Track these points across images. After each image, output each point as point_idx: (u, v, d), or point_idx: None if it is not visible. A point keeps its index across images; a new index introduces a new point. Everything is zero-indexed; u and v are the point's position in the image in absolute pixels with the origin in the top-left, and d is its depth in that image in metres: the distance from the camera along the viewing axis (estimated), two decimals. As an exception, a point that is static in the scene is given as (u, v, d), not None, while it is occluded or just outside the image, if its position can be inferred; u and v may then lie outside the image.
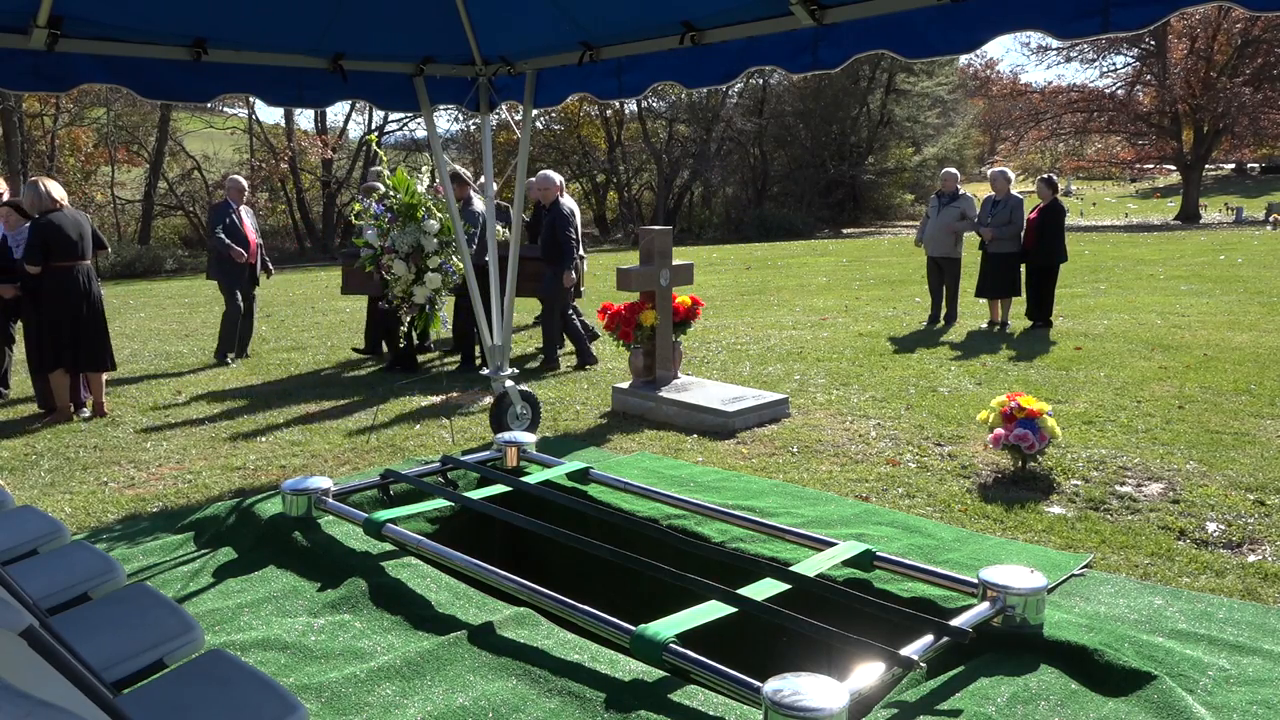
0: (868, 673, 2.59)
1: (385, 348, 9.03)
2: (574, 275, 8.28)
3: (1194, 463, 5.13)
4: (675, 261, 6.93)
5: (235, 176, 9.54)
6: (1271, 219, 28.73)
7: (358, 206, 7.28)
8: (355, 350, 9.49)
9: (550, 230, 8.27)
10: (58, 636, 1.89)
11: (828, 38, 4.17)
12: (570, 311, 8.50)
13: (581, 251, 8.71)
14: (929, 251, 10.32)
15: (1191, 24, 32.46)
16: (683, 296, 7.15)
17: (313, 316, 12.77)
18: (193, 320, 12.78)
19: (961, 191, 10.24)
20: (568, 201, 8.52)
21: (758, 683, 2.46)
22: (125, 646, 2.33)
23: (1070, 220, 11.80)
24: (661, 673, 2.79)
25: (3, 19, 4.17)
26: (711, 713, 2.59)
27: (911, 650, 2.69)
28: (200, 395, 7.70)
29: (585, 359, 8.44)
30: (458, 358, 8.74)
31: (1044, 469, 5.06)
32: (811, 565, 3.38)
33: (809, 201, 36.71)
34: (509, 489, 4.41)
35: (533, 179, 9.17)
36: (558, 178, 8.62)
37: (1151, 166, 41.91)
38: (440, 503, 4.30)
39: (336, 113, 40.83)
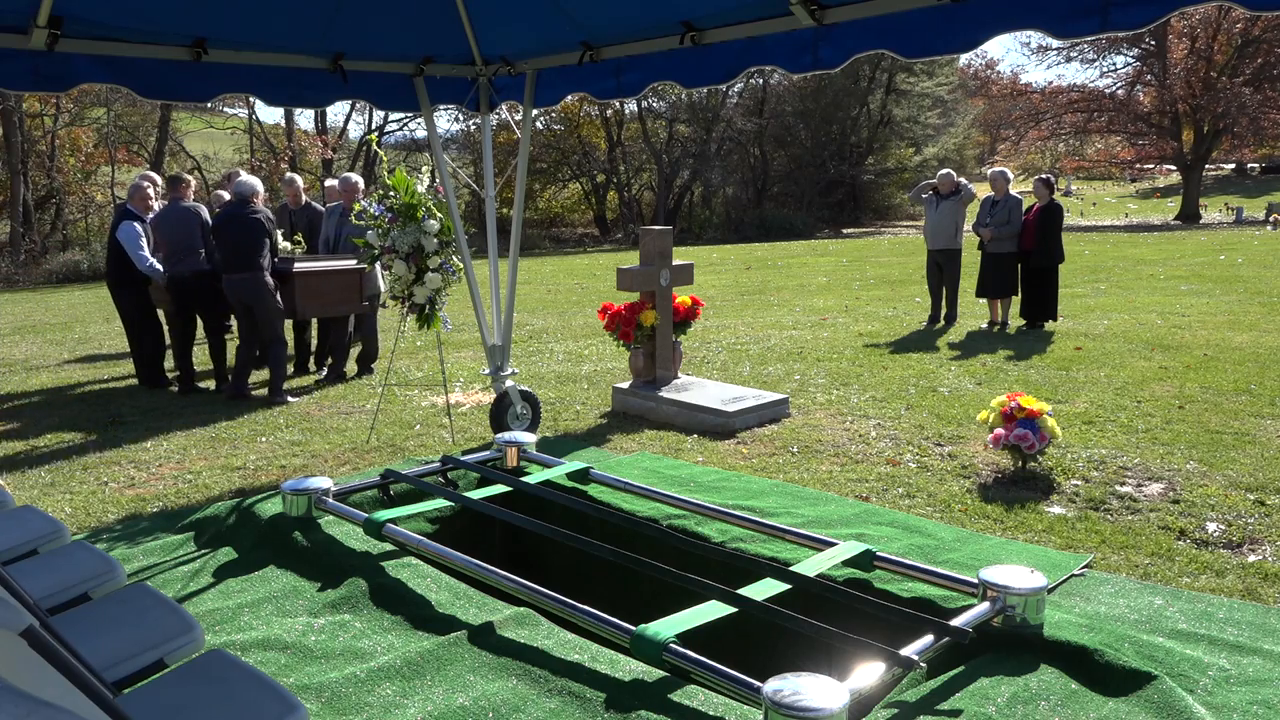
0: (868, 673, 2.59)
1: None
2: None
3: (1194, 463, 5.13)
4: (675, 261, 6.93)
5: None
6: (1271, 219, 28.73)
7: (358, 207, 7.27)
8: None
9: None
10: (58, 636, 1.89)
11: (828, 38, 4.17)
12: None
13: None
14: (930, 245, 10.33)
15: (1191, 24, 32.47)
16: (683, 296, 7.15)
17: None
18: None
19: (963, 183, 10.32)
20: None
21: (758, 683, 2.46)
22: (125, 646, 2.33)
23: (1070, 220, 11.81)
24: (661, 673, 2.79)
25: (3, 19, 4.17)
26: (711, 713, 2.59)
27: (911, 650, 2.69)
28: (200, 395, 7.69)
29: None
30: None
31: (1044, 469, 5.06)
32: (811, 565, 3.38)
33: (809, 201, 36.69)
34: (509, 489, 4.41)
35: (333, 182, 9.13)
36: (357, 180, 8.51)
37: (1151, 166, 41.93)
38: (440, 503, 4.30)
39: (336, 113, 40.89)
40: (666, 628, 2.84)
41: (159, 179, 8.45)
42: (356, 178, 8.45)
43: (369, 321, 8.39)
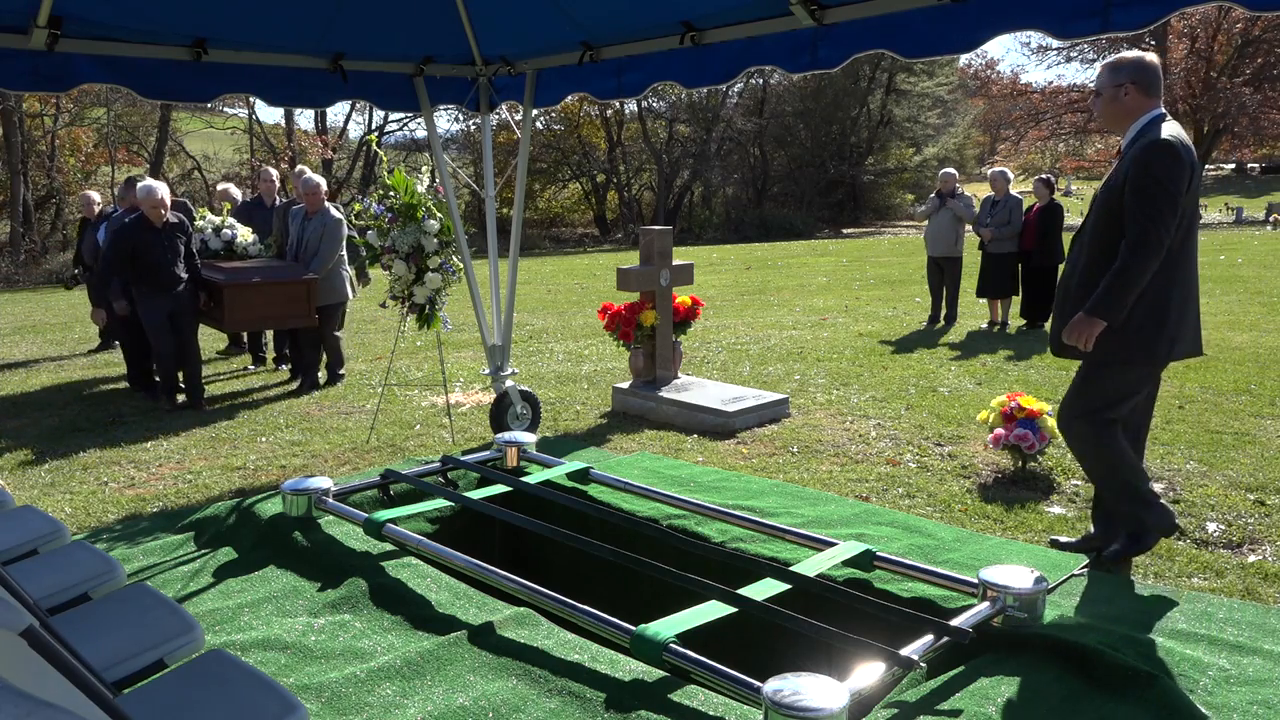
0: (868, 673, 2.59)
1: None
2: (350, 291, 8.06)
3: (1194, 463, 5.13)
4: (675, 261, 6.93)
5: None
6: (1272, 219, 28.73)
7: (358, 207, 7.26)
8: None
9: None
10: (58, 636, 1.89)
11: (827, 38, 4.17)
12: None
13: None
14: (930, 251, 10.33)
15: (1191, 24, 32.47)
16: (683, 296, 7.15)
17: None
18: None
19: (959, 190, 10.27)
20: (335, 212, 7.89)
21: (758, 683, 2.46)
22: (125, 646, 2.33)
23: (1070, 220, 11.79)
24: (661, 673, 2.78)
25: (3, 19, 4.17)
26: (711, 713, 2.59)
27: (911, 650, 2.69)
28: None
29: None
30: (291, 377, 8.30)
31: (1044, 469, 5.06)
32: (811, 565, 3.38)
33: (809, 201, 36.70)
34: (509, 489, 4.42)
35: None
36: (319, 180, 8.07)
37: (1152, 166, 41.79)
38: (440, 503, 4.30)
39: (336, 113, 40.85)
40: (666, 628, 2.84)
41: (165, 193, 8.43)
42: (318, 179, 7.96)
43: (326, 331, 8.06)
